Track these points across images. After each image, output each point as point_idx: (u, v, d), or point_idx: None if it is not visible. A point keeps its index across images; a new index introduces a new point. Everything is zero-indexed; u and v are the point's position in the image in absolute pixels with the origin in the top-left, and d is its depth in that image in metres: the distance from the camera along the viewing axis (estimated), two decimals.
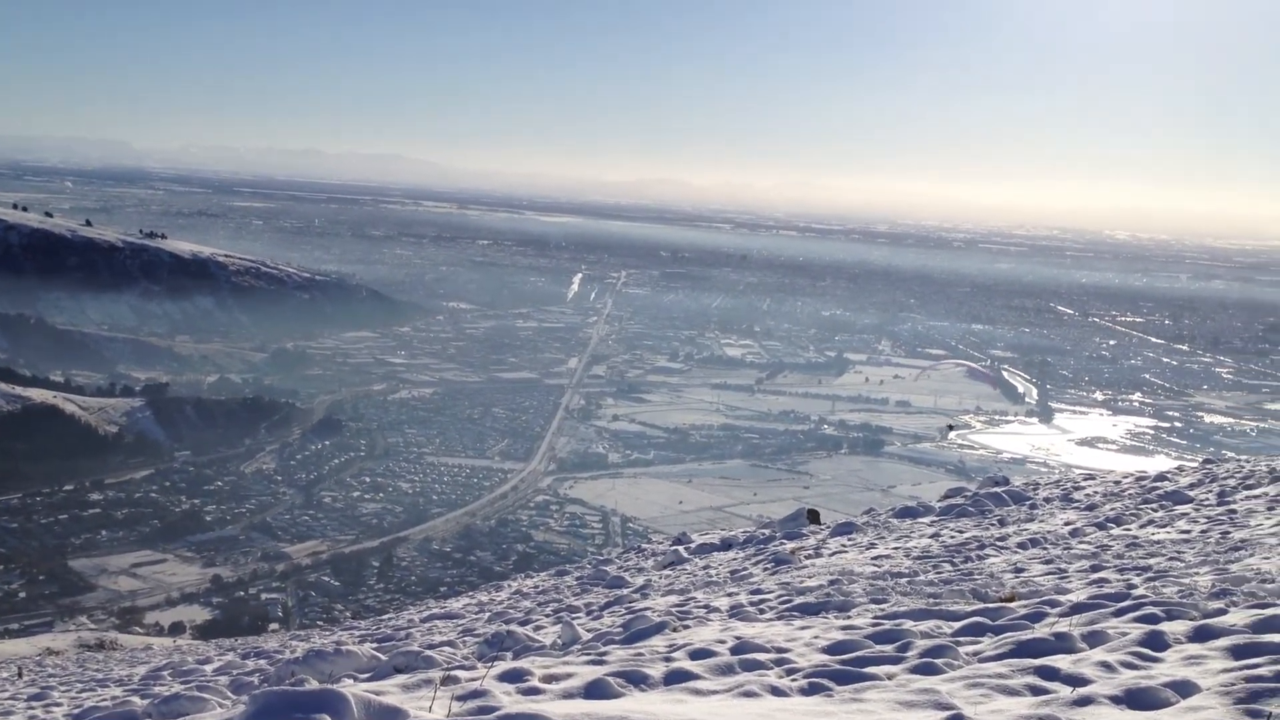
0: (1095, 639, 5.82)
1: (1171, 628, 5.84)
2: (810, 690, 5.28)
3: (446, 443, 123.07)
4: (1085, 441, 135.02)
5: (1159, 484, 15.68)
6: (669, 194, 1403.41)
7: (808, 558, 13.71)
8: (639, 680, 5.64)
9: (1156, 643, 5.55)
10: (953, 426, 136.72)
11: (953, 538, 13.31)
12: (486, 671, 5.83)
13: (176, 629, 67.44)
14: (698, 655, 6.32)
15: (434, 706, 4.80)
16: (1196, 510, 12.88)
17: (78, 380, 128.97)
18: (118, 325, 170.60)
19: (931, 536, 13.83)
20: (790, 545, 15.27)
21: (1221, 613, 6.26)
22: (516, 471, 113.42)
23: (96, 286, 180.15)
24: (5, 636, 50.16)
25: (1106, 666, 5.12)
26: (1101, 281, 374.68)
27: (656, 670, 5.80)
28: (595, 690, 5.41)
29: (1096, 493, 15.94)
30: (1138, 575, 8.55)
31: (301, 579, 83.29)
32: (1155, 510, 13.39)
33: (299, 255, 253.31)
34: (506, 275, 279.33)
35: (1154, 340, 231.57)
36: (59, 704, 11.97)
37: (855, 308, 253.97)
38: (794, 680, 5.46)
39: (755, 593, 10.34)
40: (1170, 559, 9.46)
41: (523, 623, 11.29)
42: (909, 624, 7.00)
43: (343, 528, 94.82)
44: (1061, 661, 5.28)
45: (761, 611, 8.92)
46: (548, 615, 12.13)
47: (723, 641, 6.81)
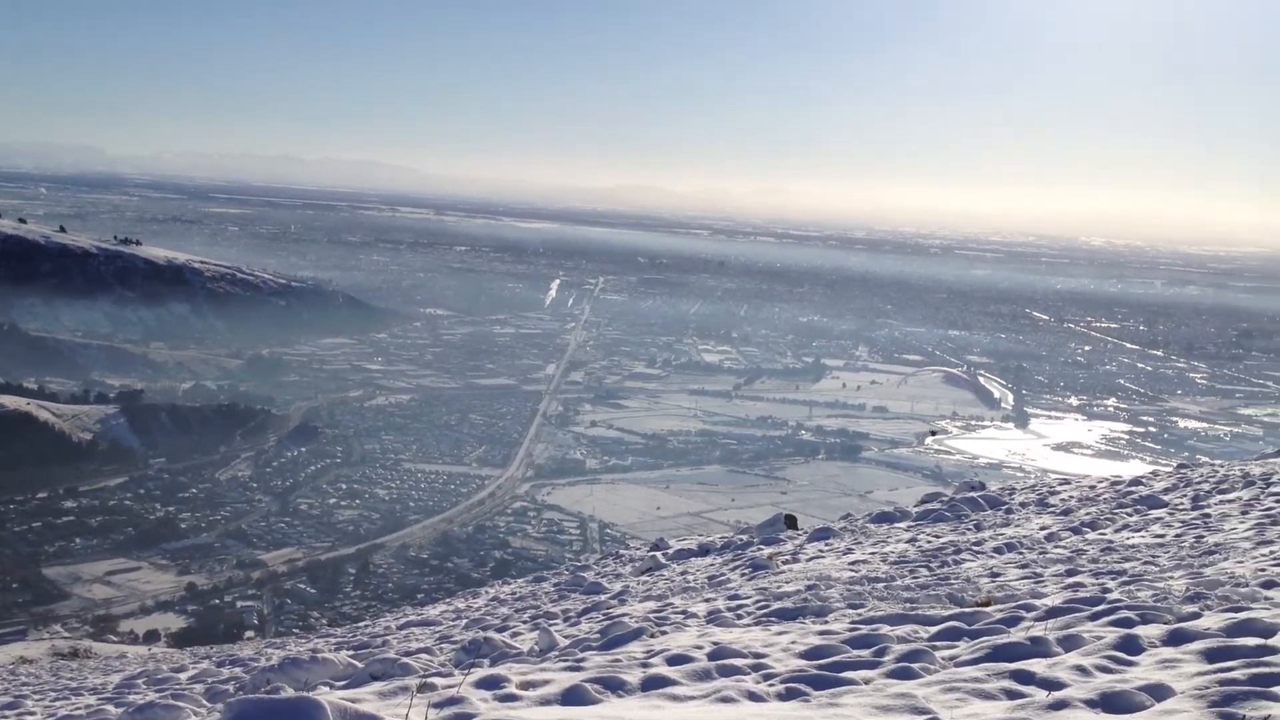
0: (1070, 643, 5.85)
1: (1146, 631, 5.87)
2: (787, 695, 5.28)
3: (423, 449, 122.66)
4: (1061, 446, 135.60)
5: (1134, 488, 15.77)
6: (647, 200, 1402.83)
7: (785, 563, 13.73)
8: (616, 686, 5.63)
9: (1131, 646, 5.58)
10: (934, 432, 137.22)
11: (929, 542, 13.36)
12: (463, 679, 5.82)
13: (151, 637, 66.90)
14: (675, 661, 6.32)
15: (410, 714, 4.79)
16: (1171, 514, 12.96)
17: (51, 387, 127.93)
18: (92, 332, 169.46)
19: (908, 541, 13.88)
20: (768, 551, 15.29)
21: (1195, 616, 6.30)
22: (494, 478, 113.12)
23: (70, 293, 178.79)
24: None
25: (1082, 670, 5.15)
26: (1077, 287, 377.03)
27: (634, 676, 5.80)
28: (572, 697, 5.40)
29: (1072, 497, 16.02)
30: (1113, 579, 8.59)
31: (277, 586, 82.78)
32: (1130, 515, 13.46)
33: (275, 261, 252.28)
34: (484, 281, 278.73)
35: (1129, 346, 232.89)
36: (33, 713, 11.87)
37: (832, 314, 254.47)
38: (771, 685, 5.46)
39: (733, 598, 10.34)
40: (1145, 563, 9.52)
41: (500, 629, 11.27)
42: (886, 629, 7.02)
43: (319, 535, 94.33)
44: (1037, 665, 5.30)
45: (739, 617, 8.93)
46: (525, 622, 12.11)
47: (700, 647, 6.81)
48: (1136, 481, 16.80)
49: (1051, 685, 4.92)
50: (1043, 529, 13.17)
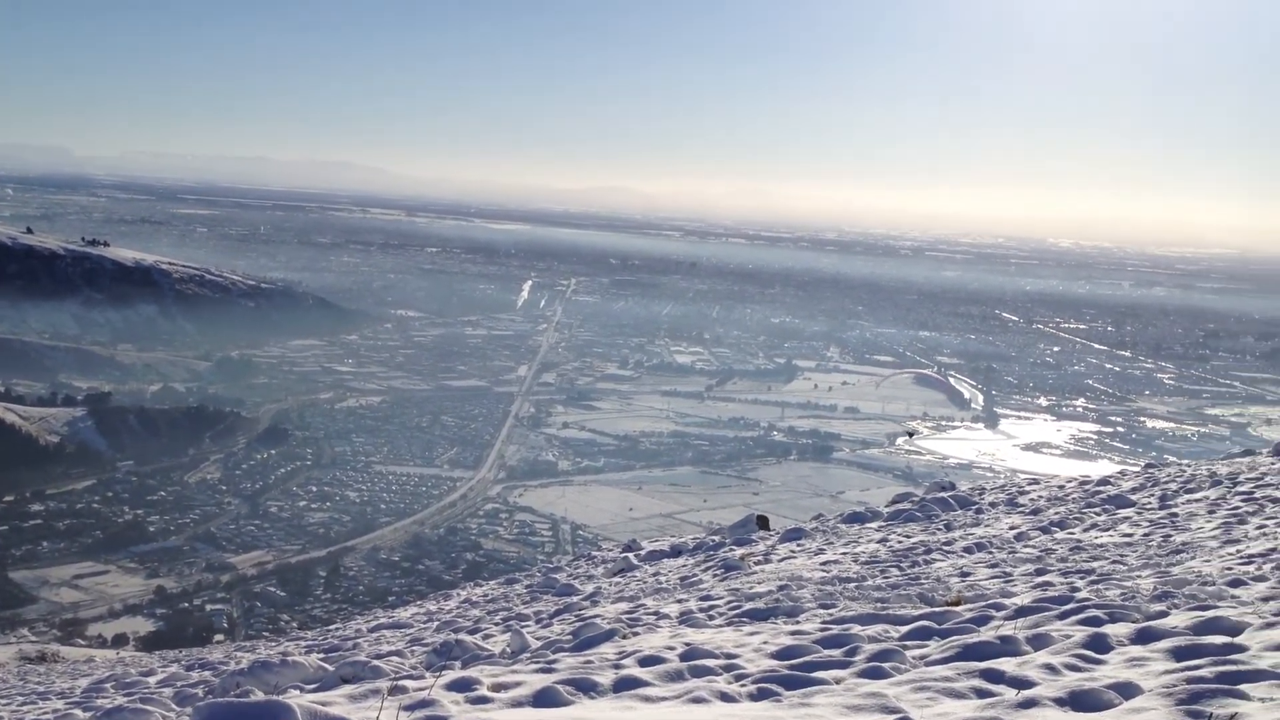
0: (1040, 642, 5.88)
1: (1114, 630, 5.91)
2: (759, 696, 5.29)
3: (395, 451, 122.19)
4: (1030, 446, 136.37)
5: (1102, 488, 15.87)
6: (619, 201, 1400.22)
7: (757, 564, 13.75)
8: (588, 688, 5.63)
9: (1100, 645, 5.62)
10: (911, 433, 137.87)
11: (900, 543, 13.41)
12: (435, 681, 5.80)
13: (120, 641, 66.42)
14: (647, 662, 6.32)
15: (381, 716, 4.77)
16: (1139, 514, 13.05)
17: (18, 390, 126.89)
18: (59, 334, 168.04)
19: (879, 541, 13.92)
20: (740, 551, 15.31)
21: (1163, 615, 6.35)
22: (466, 480, 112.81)
23: (37, 294, 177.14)
24: None
25: (1051, 669, 5.18)
26: (1046, 289, 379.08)
27: (606, 678, 5.80)
28: (544, 698, 5.40)
29: (1041, 497, 16.11)
30: (1081, 578, 8.64)
31: (247, 589, 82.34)
32: (1098, 514, 13.55)
33: (244, 263, 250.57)
34: (455, 283, 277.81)
35: (1097, 347, 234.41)
36: (0, 718, 11.77)
37: (804, 315, 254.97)
38: (743, 686, 5.47)
39: (705, 599, 10.35)
40: (1113, 562, 9.58)
41: (471, 631, 11.24)
42: (857, 629, 7.05)
43: (289, 537, 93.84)
44: (1006, 664, 5.33)
45: (711, 618, 8.93)
46: (497, 624, 12.08)
47: (672, 648, 6.81)
48: (1105, 481, 16.90)
49: (1021, 684, 4.95)
50: (1012, 529, 13.24)
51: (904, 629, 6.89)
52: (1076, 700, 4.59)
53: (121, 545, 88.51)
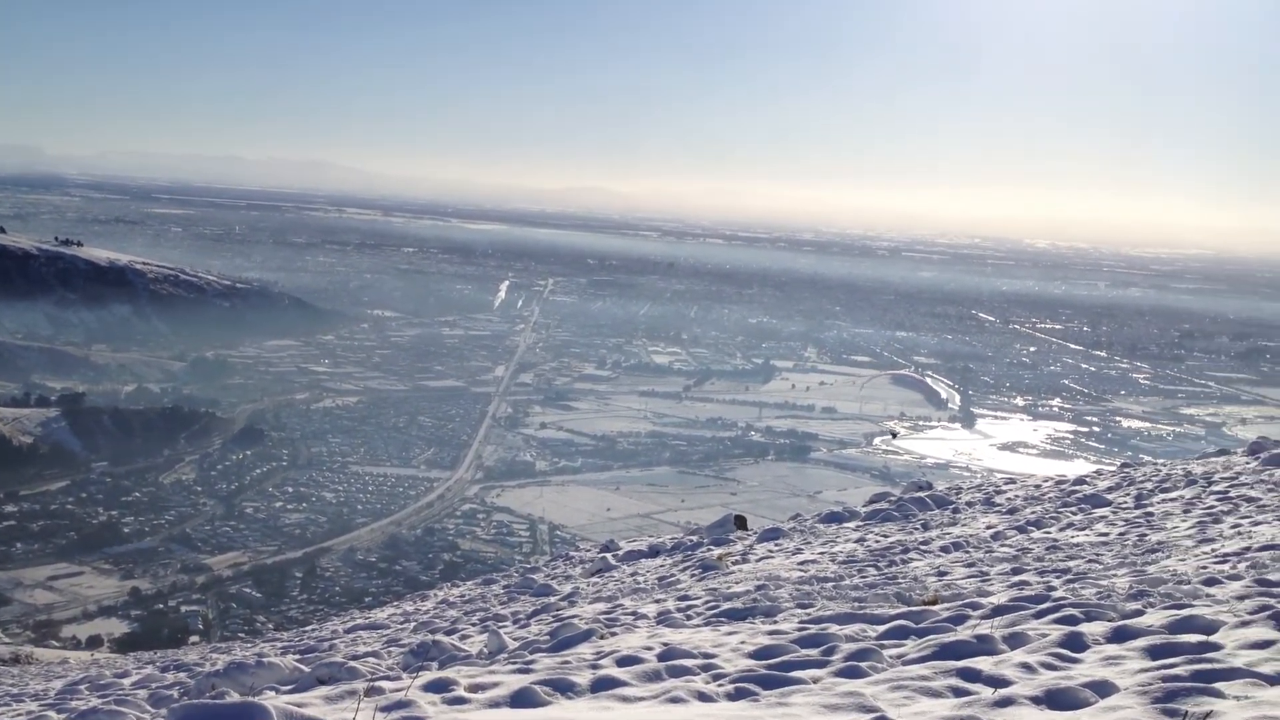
0: (1016, 640, 5.90)
1: (1090, 629, 5.94)
2: (736, 695, 5.29)
3: (371, 452, 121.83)
4: (1006, 446, 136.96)
5: (1078, 488, 15.95)
6: (596, 201, 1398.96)
7: (735, 564, 13.76)
8: (566, 688, 5.62)
9: (1076, 644, 5.64)
10: (894, 434, 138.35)
11: (877, 542, 13.44)
12: (411, 682, 5.78)
13: (94, 642, 66.03)
14: (625, 662, 6.31)
15: (357, 717, 4.75)
16: (1114, 513, 13.11)
17: None
18: (32, 334, 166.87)
19: (857, 541, 13.96)
20: (717, 551, 15.32)
21: (1139, 614, 6.38)
22: (443, 480, 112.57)
23: (10, 294, 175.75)
24: None
25: (1027, 668, 5.19)
26: (1022, 289, 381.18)
27: (583, 678, 5.79)
28: (521, 699, 5.39)
29: (1017, 496, 16.19)
30: (1057, 577, 8.68)
31: (223, 590, 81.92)
32: (1074, 513, 13.61)
33: (219, 263, 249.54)
34: (432, 283, 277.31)
35: (1073, 347, 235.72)
36: None
37: (782, 315, 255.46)
38: (720, 685, 5.47)
39: (683, 599, 10.35)
40: (1089, 561, 9.62)
41: (448, 632, 11.21)
42: (834, 628, 7.06)
43: (265, 538, 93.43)
44: (983, 663, 5.34)
45: (689, 618, 8.94)
46: (474, 624, 12.05)
47: (650, 648, 6.81)
48: (1081, 481, 16.98)
49: (997, 683, 4.96)
50: (989, 528, 13.29)
51: (881, 628, 6.91)
52: (1053, 699, 4.60)
53: (96, 546, 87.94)
